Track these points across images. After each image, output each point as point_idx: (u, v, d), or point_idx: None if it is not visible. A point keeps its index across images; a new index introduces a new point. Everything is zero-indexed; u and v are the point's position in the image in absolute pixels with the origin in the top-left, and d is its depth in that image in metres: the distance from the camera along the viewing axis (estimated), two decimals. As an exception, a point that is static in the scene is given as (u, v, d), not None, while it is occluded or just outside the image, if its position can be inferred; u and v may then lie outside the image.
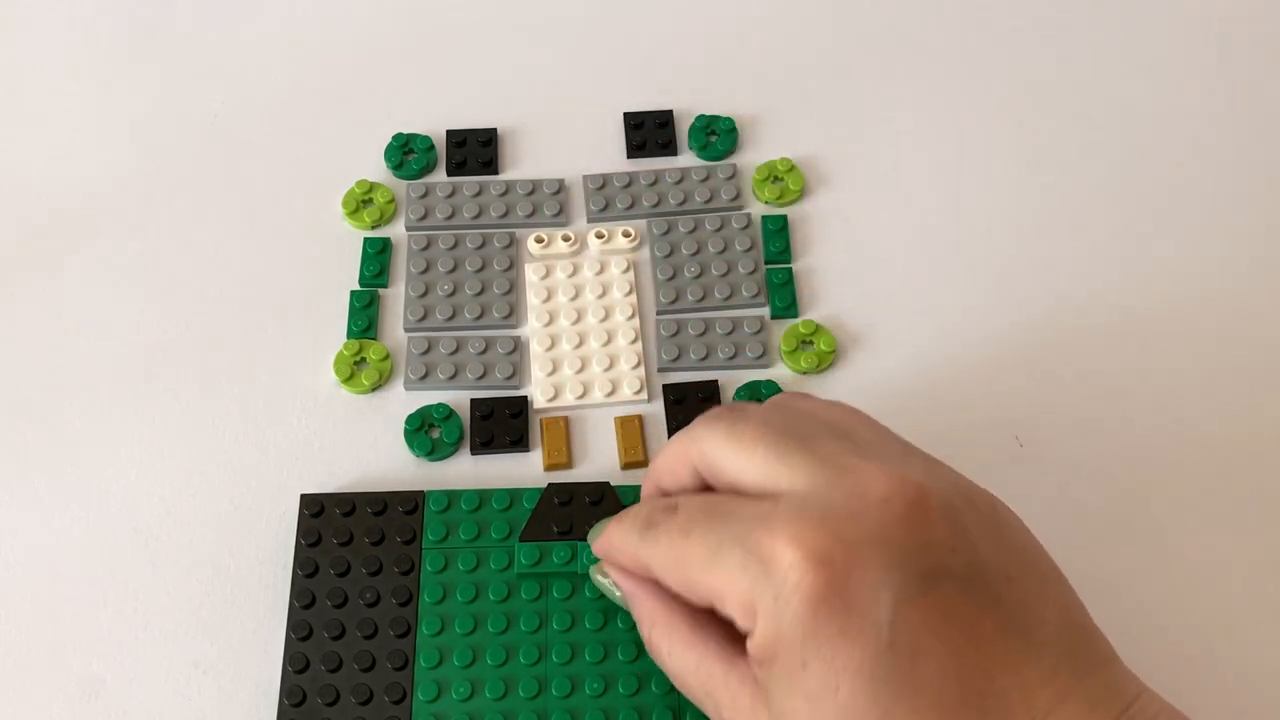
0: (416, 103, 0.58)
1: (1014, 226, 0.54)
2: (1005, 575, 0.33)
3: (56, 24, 0.61)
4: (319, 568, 0.44)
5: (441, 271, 0.52)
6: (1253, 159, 0.56)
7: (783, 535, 0.32)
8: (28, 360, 0.50)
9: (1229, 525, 0.46)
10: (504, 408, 0.49)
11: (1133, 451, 0.48)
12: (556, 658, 0.42)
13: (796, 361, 0.50)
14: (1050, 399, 0.49)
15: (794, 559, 0.32)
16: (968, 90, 0.59)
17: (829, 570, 0.31)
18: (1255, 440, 0.48)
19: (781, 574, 0.32)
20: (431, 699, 0.42)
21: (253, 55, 0.60)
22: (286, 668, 0.42)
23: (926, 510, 0.33)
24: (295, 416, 0.49)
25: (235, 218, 0.54)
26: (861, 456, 0.34)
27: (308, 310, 0.52)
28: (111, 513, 0.47)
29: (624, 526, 0.38)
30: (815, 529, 0.32)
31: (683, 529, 0.35)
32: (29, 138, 0.57)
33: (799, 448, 0.34)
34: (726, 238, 0.53)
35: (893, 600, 0.31)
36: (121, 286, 0.52)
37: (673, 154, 0.56)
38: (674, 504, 0.36)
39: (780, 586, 0.32)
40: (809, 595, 0.31)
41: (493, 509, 0.45)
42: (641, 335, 0.51)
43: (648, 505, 0.37)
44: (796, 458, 0.34)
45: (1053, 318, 0.51)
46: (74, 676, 0.43)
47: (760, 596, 0.32)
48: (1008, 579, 0.33)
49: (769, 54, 0.60)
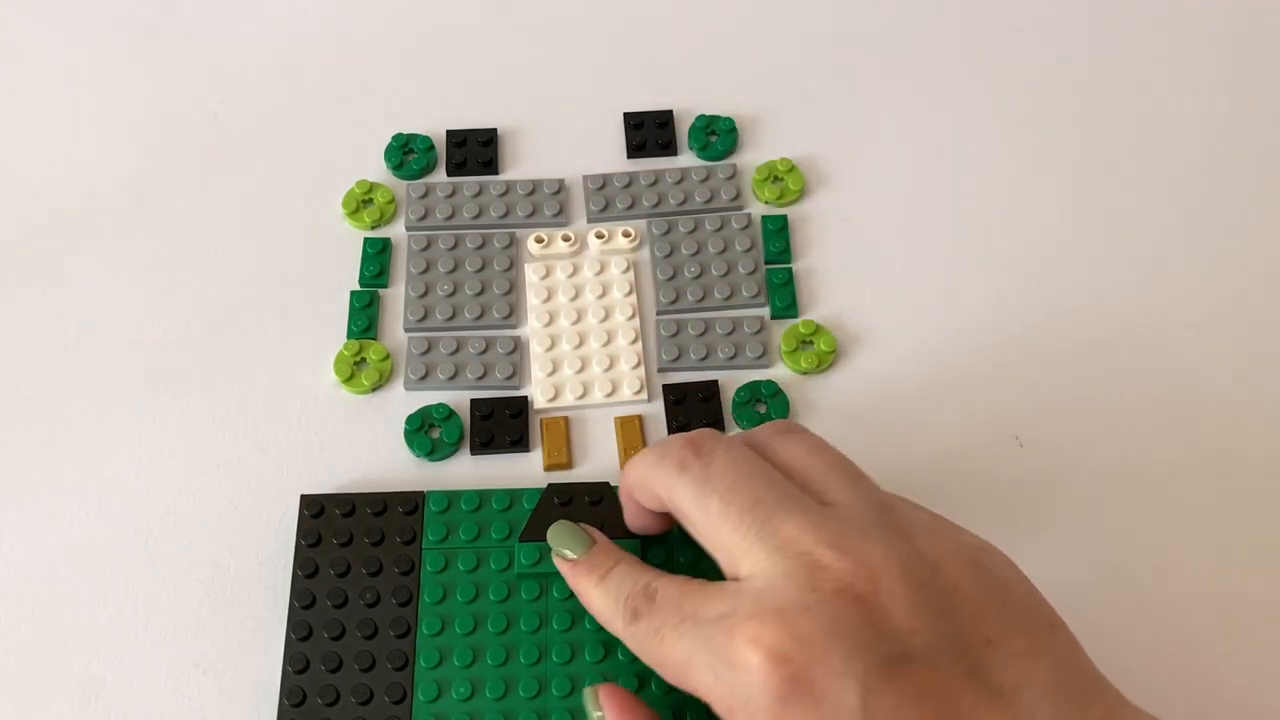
0: (416, 103, 0.58)
1: (1014, 226, 0.54)
2: (983, 639, 0.33)
3: (57, 24, 0.61)
4: (319, 568, 0.44)
5: (441, 271, 0.52)
6: (1255, 159, 0.56)
7: (741, 638, 0.33)
8: (28, 360, 0.50)
9: (1230, 525, 0.46)
10: (504, 408, 0.49)
11: (1133, 451, 0.48)
12: (556, 657, 0.42)
13: (796, 361, 0.50)
14: (1050, 399, 0.49)
15: (756, 661, 0.32)
16: (968, 90, 0.59)
17: (789, 667, 0.32)
18: (1256, 440, 0.48)
19: (747, 677, 0.32)
20: (431, 699, 0.42)
21: (253, 55, 0.60)
22: (286, 668, 0.42)
23: (880, 598, 0.33)
24: (295, 416, 0.49)
25: (235, 218, 0.54)
26: (821, 536, 0.34)
27: (308, 310, 0.52)
28: (111, 513, 0.47)
29: (607, 603, 0.38)
30: (772, 628, 0.32)
31: (657, 632, 0.36)
32: (29, 138, 0.57)
33: (759, 532, 0.35)
34: (726, 238, 0.53)
35: (859, 688, 0.32)
36: (121, 286, 0.52)
37: (673, 154, 0.56)
38: (651, 593, 0.37)
39: (749, 689, 0.32)
40: (775, 694, 0.32)
41: (493, 509, 0.45)
42: (641, 335, 0.51)
43: (627, 584, 0.38)
44: (756, 545, 0.35)
45: (1053, 318, 0.51)
46: (74, 676, 0.43)
47: (734, 700, 0.33)
48: (986, 642, 0.33)
49: (769, 54, 0.60)
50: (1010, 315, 0.51)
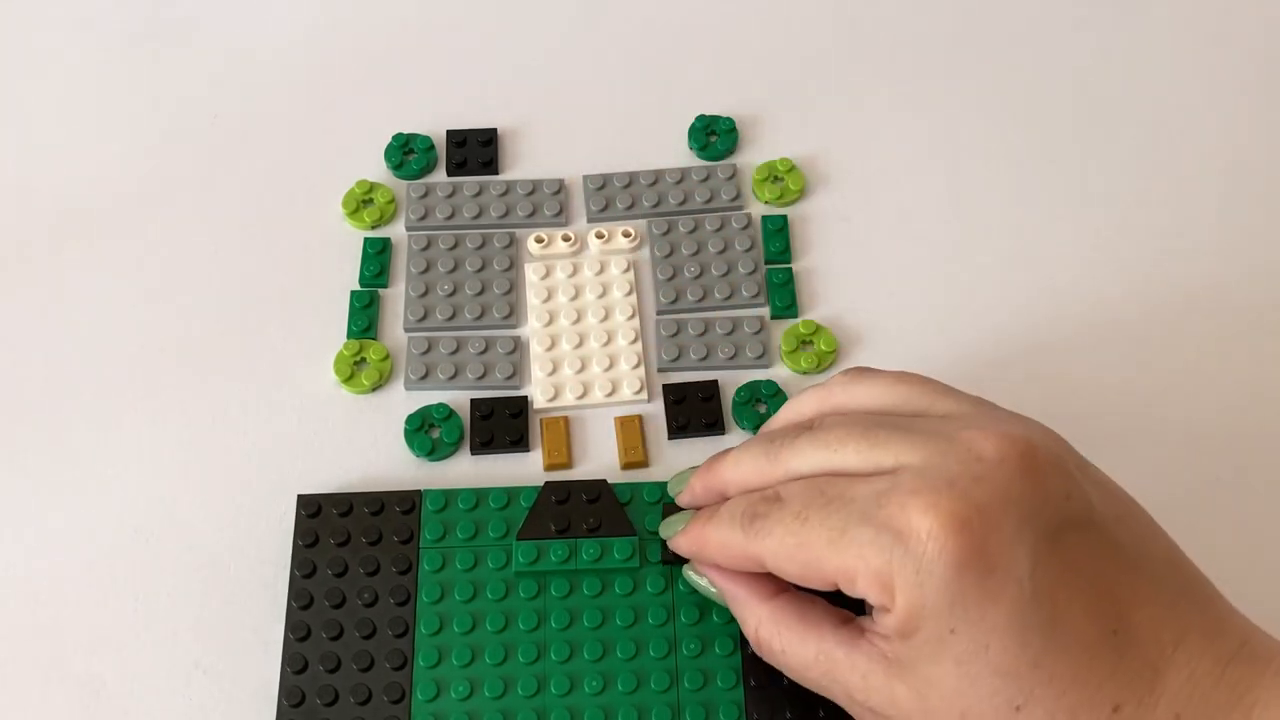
0: (416, 103, 0.58)
1: (1014, 226, 0.54)
2: (1115, 517, 0.35)
3: (57, 24, 0.61)
4: (316, 568, 0.44)
5: (441, 271, 0.52)
6: (1257, 159, 0.56)
7: (915, 506, 0.33)
8: (28, 360, 0.50)
9: (1230, 526, 0.46)
10: (504, 408, 0.49)
11: (1134, 451, 0.48)
12: (555, 656, 0.42)
13: (796, 361, 0.50)
14: (1051, 398, 0.49)
15: (932, 527, 0.32)
16: (968, 90, 0.58)
17: (969, 535, 0.32)
18: (1258, 439, 0.48)
19: (920, 545, 0.32)
20: (430, 698, 0.42)
21: (253, 55, 0.60)
22: (285, 668, 0.42)
23: (1039, 464, 0.34)
24: (295, 416, 0.49)
25: (235, 218, 0.54)
26: (959, 423, 0.35)
27: (308, 310, 0.52)
28: (111, 513, 0.47)
29: (720, 523, 0.38)
30: (946, 496, 0.32)
31: (798, 515, 0.35)
32: (29, 138, 0.57)
33: (892, 430, 0.35)
34: (726, 238, 0.53)
35: (1029, 555, 0.32)
36: (121, 286, 0.52)
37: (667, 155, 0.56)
38: (775, 494, 0.36)
39: (920, 558, 0.32)
40: (952, 562, 0.32)
41: (490, 508, 0.45)
42: (641, 335, 0.51)
43: (743, 500, 0.37)
44: (896, 437, 0.35)
45: (1054, 317, 0.51)
46: (74, 676, 0.43)
47: (899, 570, 0.33)
48: (1117, 519, 0.34)
49: (769, 54, 0.60)
50: (1010, 315, 0.51)
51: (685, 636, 0.42)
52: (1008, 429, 0.34)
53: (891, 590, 0.33)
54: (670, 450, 0.48)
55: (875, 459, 0.35)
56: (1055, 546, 0.33)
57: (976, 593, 0.32)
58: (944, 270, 0.53)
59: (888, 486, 0.34)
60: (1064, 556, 0.33)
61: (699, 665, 0.42)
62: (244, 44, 0.60)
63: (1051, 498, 0.33)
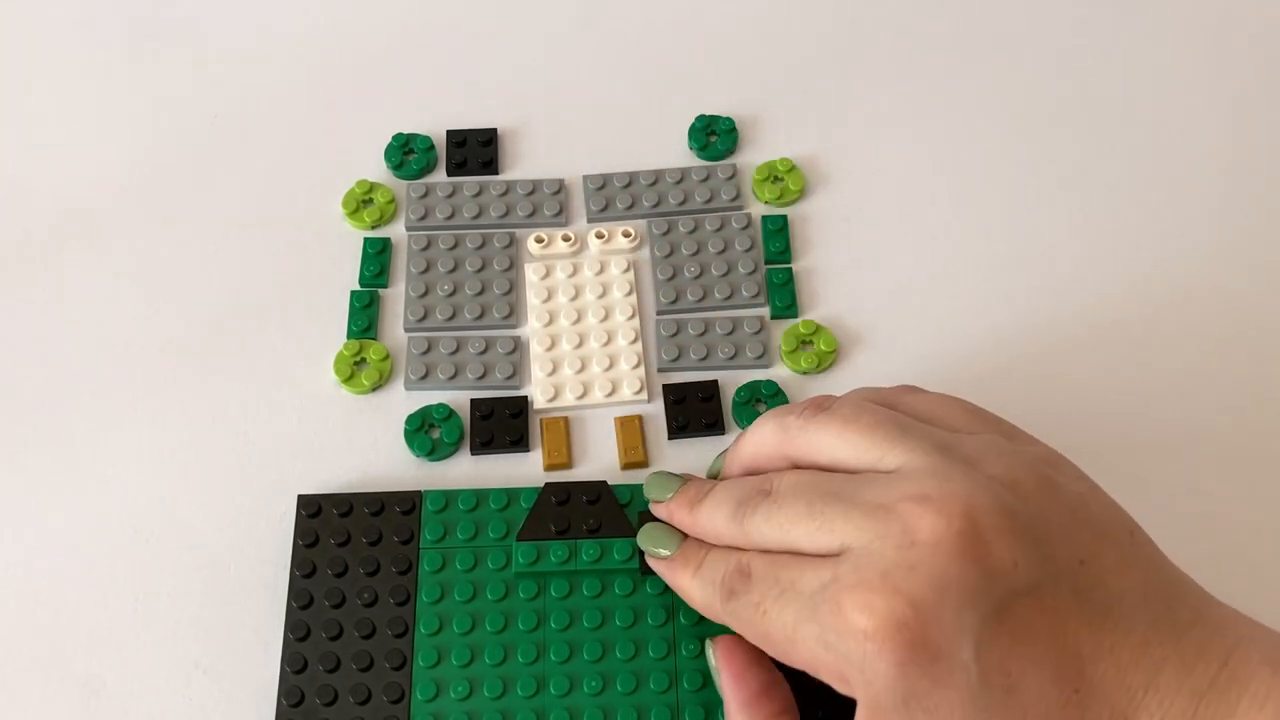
0: (416, 103, 0.58)
1: (1014, 226, 0.54)
2: (1077, 560, 0.34)
3: (57, 24, 0.61)
4: (316, 568, 0.44)
5: (441, 271, 0.52)
6: (1257, 159, 0.56)
7: (851, 605, 0.32)
8: (28, 360, 0.50)
9: (1231, 525, 0.46)
10: (504, 408, 0.49)
11: (1134, 452, 0.48)
12: (554, 656, 0.42)
13: (796, 361, 0.50)
14: (1051, 399, 0.49)
15: (868, 628, 0.32)
16: (969, 90, 0.58)
17: (905, 633, 0.32)
18: (1258, 439, 0.48)
19: (860, 646, 0.32)
20: (430, 698, 0.42)
21: (253, 55, 0.60)
22: (284, 668, 0.42)
23: (979, 538, 0.33)
24: (295, 416, 0.49)
25: (235, 218, 0.54)
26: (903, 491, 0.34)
27: (308, 310, 0.52)
28: (111, 513, 0.47)
29: (703, 585, 0.38)
30: (880, 593, 0.32)
31: (758, 607, 0.35)
32: (29, 138, 0.57)
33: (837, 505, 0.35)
34: (726, 238, 0.53)
35: (972, 639, 0.32)
36: (121, 286, 0.52)
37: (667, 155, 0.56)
38: (746, 569, 0.36)
39: (863, 659, 0.32)
40: (894, 660, 0.32)
41: (490, 508, 0.45)
42: (641, 335, 0.51)
43: (720, 565, 0.37)
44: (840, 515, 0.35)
45: (1053, 318, 0.51)
46: (74, 676, 0.43)
47: (848, 670, 0.33)
48: (1080, 563, 0.34)
49: (769, 54, 0.60)
50: (1010, 315, 0.51)
51: (684, 637, 0.42)
52: (952, 492, 0.33)
53: (849, 685, 0.33)
54: (670, 450, 0.48)
55: (822, 542, 0.35)
56: (1003, 620, 0.32)
57: (926, 683, 0.32)
58: (944, 270, 0.53)
59: (830, 579, 0.33)
60: (1013, 628, 0.32)
61: (698, 666, 0.42)
62: (244, 44, 0.60)
63: (994, 571, 0.32)
